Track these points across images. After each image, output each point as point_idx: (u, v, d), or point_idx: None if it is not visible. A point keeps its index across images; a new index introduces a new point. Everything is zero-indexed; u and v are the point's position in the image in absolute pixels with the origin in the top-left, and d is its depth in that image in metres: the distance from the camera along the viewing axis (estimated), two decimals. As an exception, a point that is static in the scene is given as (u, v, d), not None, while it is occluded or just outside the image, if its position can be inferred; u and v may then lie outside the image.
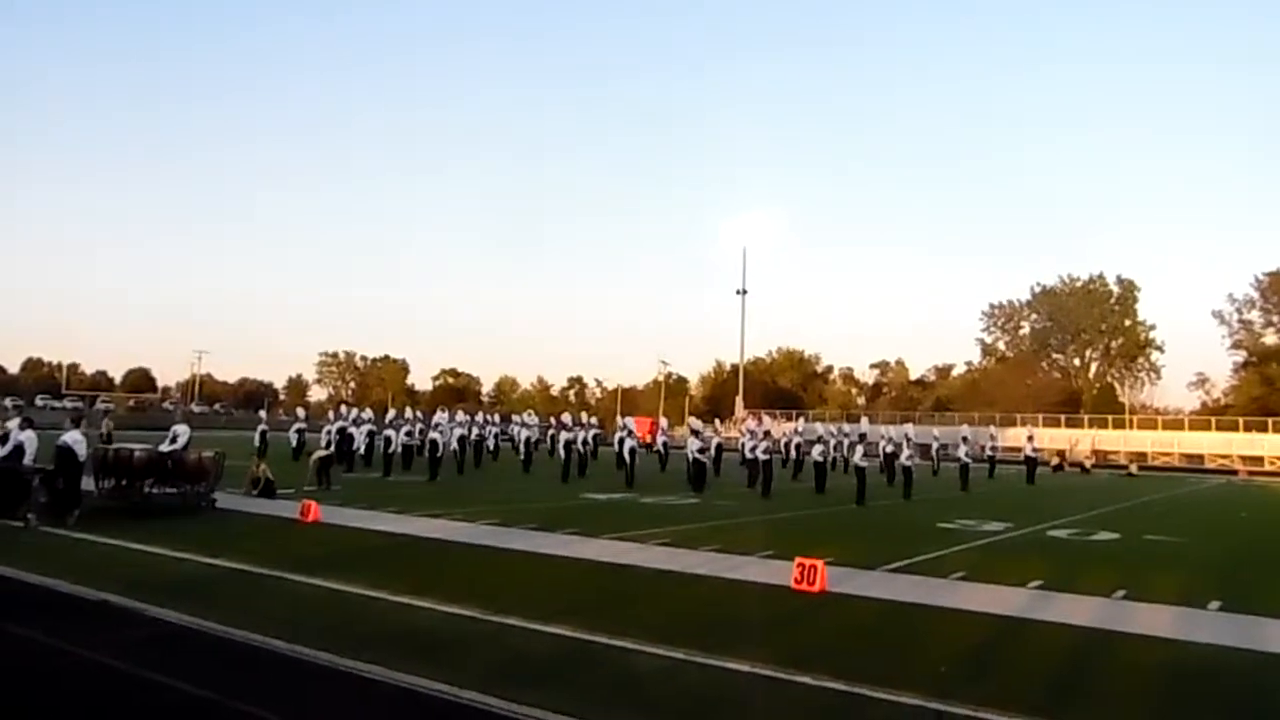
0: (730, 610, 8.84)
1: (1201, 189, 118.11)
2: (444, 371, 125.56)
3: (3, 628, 6.94)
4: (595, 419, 35.99)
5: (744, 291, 71.27)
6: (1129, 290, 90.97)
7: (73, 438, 13.22)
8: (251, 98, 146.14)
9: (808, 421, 40.21)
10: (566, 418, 30.43)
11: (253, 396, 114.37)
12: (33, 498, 12.60)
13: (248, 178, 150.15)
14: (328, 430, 27.68)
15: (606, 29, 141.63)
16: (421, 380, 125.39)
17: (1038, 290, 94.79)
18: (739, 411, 69.32)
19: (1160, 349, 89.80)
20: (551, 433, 32.18)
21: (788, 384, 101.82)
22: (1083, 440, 60.56)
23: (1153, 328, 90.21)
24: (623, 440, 26.46)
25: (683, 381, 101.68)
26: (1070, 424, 65.90)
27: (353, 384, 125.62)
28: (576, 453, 26.87)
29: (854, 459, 22.45)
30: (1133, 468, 48.51)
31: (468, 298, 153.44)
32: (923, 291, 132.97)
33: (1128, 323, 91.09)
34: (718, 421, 42.21)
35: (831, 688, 5.97)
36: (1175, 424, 67.70)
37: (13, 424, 13.65)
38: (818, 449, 25.30)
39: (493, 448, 33.47)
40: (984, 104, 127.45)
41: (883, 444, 28.71)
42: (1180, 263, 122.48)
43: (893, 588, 9.94)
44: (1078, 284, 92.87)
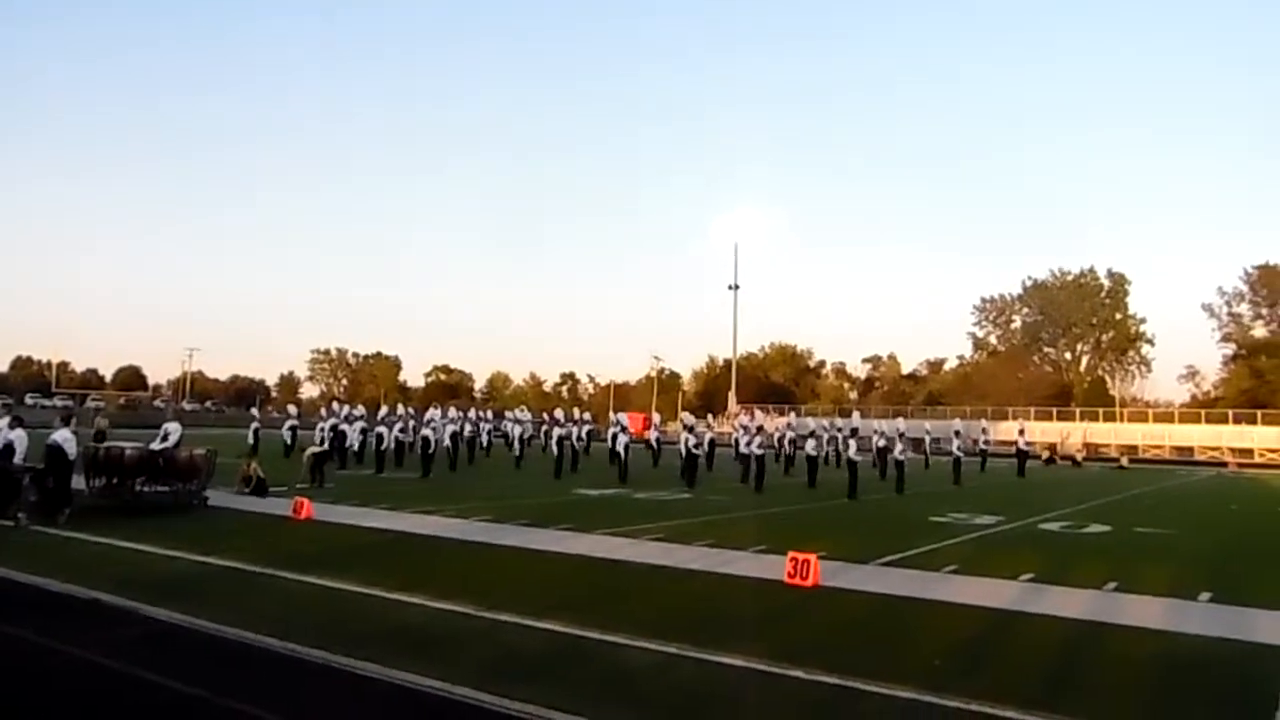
0: (723, 605, 8.85)
1: (1192, 183, 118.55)
2: (436, 368, 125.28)
3: (-7, 627, 6.91)
4: (589, 414, 35.99)
5: (736, 286, 71.48)
6: (1119, 284, 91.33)
7: (63, 436, 13.16)
8: (247, 95, 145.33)
9: (799, 416, 40.17)
10: (559, 413, 30.42)
11: (244, 394, 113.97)
12: (23, 496, 12.55)
13: (239, 175, 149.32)
14: (321, 428, 27.63)
15: (602, 27, 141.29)
16: (414, 377, 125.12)
17: (1029, 284, 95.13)
18: (732, 406, 69.40)
19: (1150, 342, 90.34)
20: (545, 429, 32.18)
21: (780, 379, 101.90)
22: (1074, 433, 60.88)
23: (1143, 321, 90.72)
24: (615, 436, 26.47)
25: (675, 377, 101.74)
26: (1061, 417, 66.18)
27: (345, 381, 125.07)
28: (569, 448, 26.85)
29: (848, 453, 22.49)
30: (1123, 460, 48.87)
31: (460, 295, 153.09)
32: (914, 286, 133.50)
33: (1118, 316, 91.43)
34: (710, 416, 42.20)
35: (825, 682, 5.99)
36: (1165, 417, 68.05)
37: (2, 423, 13.56)
38: (811, 443, 25.33)
39: (485, 444, 33.44)
40: (977, 100, 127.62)
41: (875, 438, 28.80)
42: (1170, 256, 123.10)
43: (885, 582, 9.97)
44: (1068, 278, 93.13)
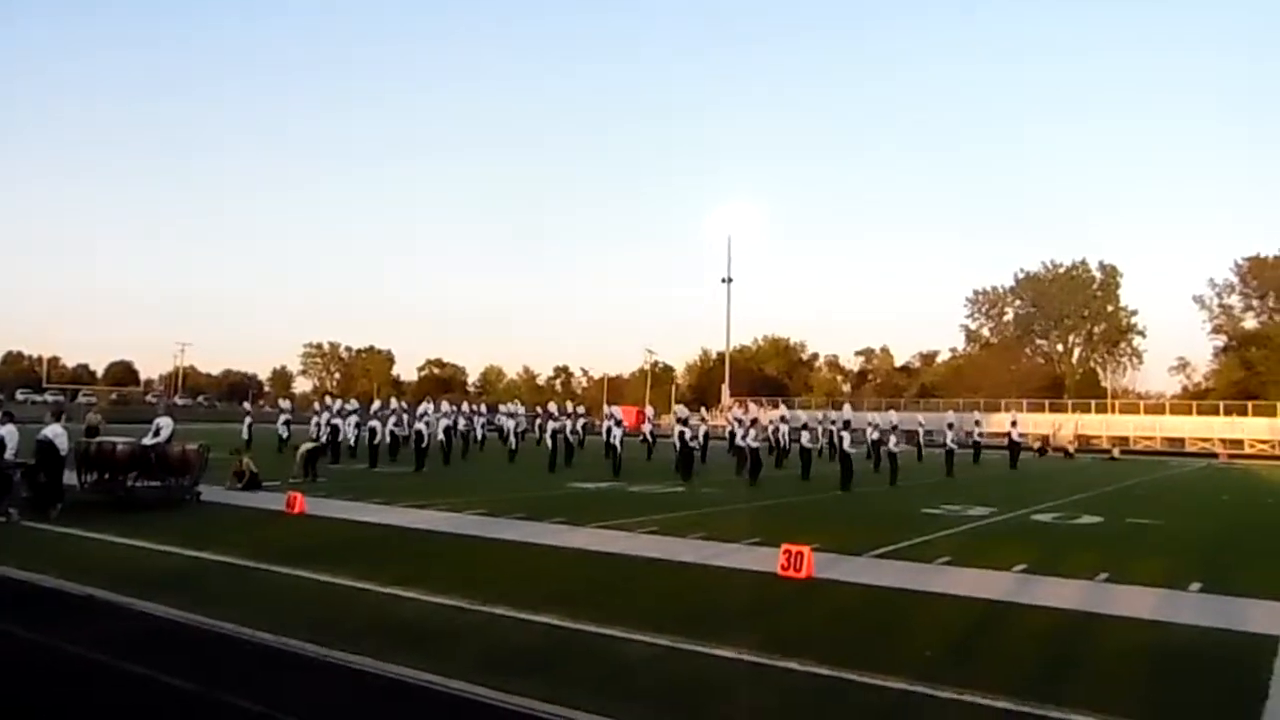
0: (717, 597, 8.86)
1: (1183, 175, 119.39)
2: (429, 362, 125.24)
3: (-14, 623, 6.89)
4: (583, 408, 36.01)
5: (729, 280, 71.50)
6: (1111, 276, 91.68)
7: (54, 431, 13.12)
8: (240, 90, 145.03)
9: (792, 409, 40.25)
10: (553, 407, 30.40)
11: (237, 388, 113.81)
12: (14, 492, 12.50)
13: (230, 170, 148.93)
14: (317, 423, 27.56)
15: (593, 23, 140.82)
16: (407, 371, 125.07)
17: (1021, 277, 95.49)
18: (725, 399, 69.52)
19: (1142, 334, 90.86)
20: (539, 422, 32.17)
21: (774, 372, 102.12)
22: (1066, 425, 61.10)
23: (1134, 313, 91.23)
24: (610, 429, 26.49)
25: (669, 370, 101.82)
26: (1054, 409, 66.49)
27: (337, 375, 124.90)
28: (563, 441, 26.85)
29: (844, 445, 22.50)
30: (1115, 452, 48.99)
31: (453, 289, 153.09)
32: (907, 279, 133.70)
33: (1110, 308, 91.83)
34: (704, 410, 42.26)
35: (818, 673, 6.01)
36: (1157, 408, 68.43)
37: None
38: (806, 436, 25.36)
39: (479, 438, 33.43)
40: (969, 93, 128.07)
41: (869, 430, 28.85)
42: (1162, 249, 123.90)
43: (879, 573, 9.99)
44: (1060, 270, 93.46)
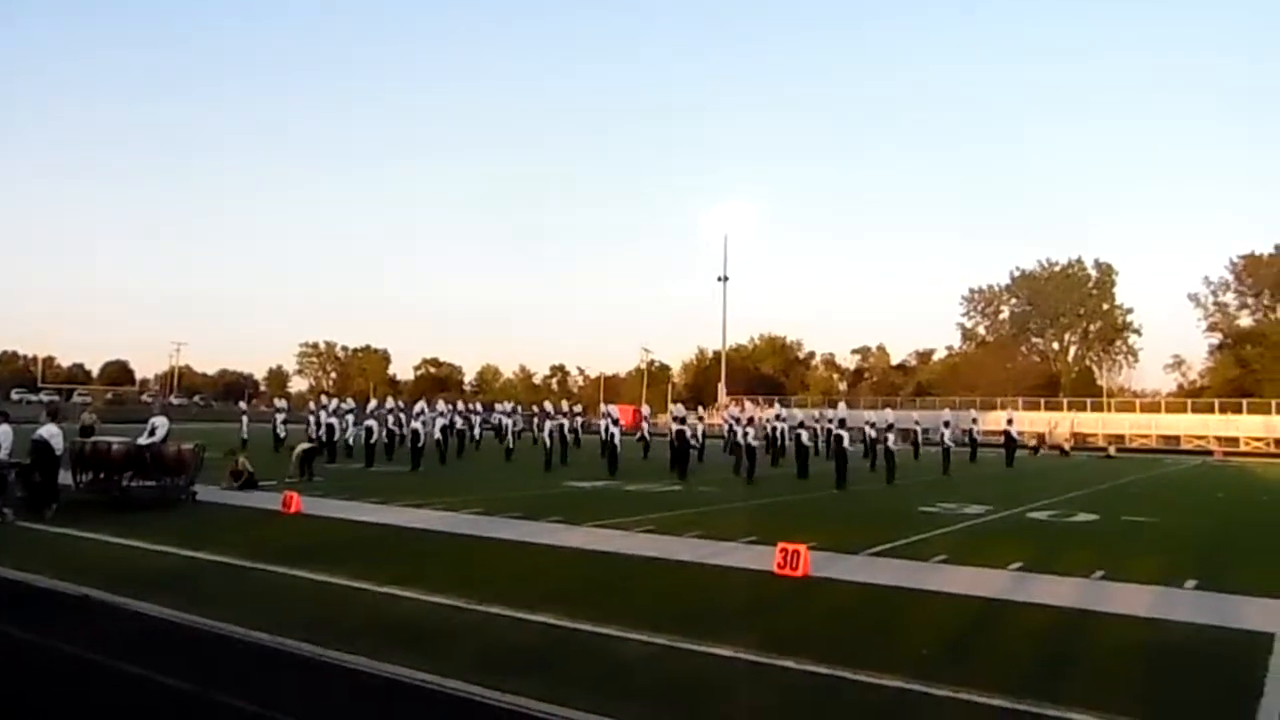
0: (714, 596, 8.86)
1: (1178, 174, 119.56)
2: (426, 361, 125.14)
3: (-19, 624, 6.87)
4: (580, 406, 36.03)
5: (725, 278, 71.37)
6: (1107, 274, 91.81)
7: (49, 431, 13.07)
8: (240, 90, 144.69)
9: (788, 407, 40.24)
10: (549, 406, 30.40)
11: (233, 388, 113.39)
12: (9, 492, 12.47)
13: (230, 170, 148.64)
14: (315, 422, 27.51)
15: (592, 22, 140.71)
16: (403, 370, 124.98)
17: (1017, 275, 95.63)
18: (722, 398, 69.51)
19: (1138, 332, 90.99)
20: (536, 421, 32.18)
21: (770, 370, 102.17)
22: (1062, 423, 61.18)
23: (1130, 311, 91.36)
24: (607, 428, 26.49)
25: (665, 369, 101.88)
26: (1049, 407, 66.58)
27: (334, 374, 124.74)
28: (560, 440, 26.84)
29: (840, 444, 22.52)
30: (1111, 449, 49.10)
31: (449, 288, 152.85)
32: (903, 278, 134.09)
33: (1105, 306, 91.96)
34: (700, 408, 42.26)
35: (815, 671, 6.01)
36: (1152, 406, 68.51)
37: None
38: (804, 434, 25.37)
39: (475, 437, 33.42)
40: (967, 92, 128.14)
41: (866, 428, 28.88)
42: (1157, 247, 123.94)
43: (875, 572, 10.00)
44: (1056, 268, 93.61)
